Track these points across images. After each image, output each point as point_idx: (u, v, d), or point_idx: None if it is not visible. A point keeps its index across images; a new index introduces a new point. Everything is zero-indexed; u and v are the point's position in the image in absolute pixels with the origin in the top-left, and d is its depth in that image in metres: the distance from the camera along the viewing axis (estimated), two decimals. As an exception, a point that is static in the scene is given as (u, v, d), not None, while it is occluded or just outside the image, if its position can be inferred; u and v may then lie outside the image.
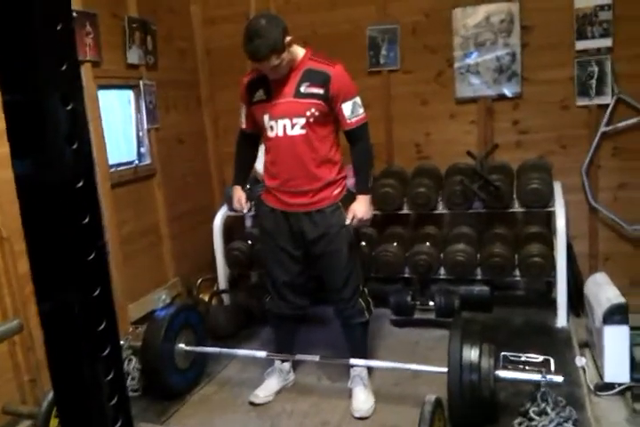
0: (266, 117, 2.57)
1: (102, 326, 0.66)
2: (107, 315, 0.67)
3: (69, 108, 0.58)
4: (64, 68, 0.57)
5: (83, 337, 0.65)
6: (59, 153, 0.58)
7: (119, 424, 0.71)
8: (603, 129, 3.60)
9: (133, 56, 3.49)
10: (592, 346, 2.98)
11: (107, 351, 0.68)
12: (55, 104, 0.57)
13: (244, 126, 2.78)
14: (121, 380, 0.72)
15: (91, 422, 0.69)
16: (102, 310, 0.66)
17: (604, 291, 2.81)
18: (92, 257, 0.62)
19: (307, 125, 2.51)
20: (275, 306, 2.86)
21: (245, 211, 2.85)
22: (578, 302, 3.50)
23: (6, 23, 0.54)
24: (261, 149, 2.82)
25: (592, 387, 2.71)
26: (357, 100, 2.55)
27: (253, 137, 2.79)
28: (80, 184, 0.60)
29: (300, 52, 2.55)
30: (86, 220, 0.61)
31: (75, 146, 0.59)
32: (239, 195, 2.82)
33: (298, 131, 2.52)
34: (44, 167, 0.58)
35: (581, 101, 3.63)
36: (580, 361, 2.73)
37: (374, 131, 3.77)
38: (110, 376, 0.69)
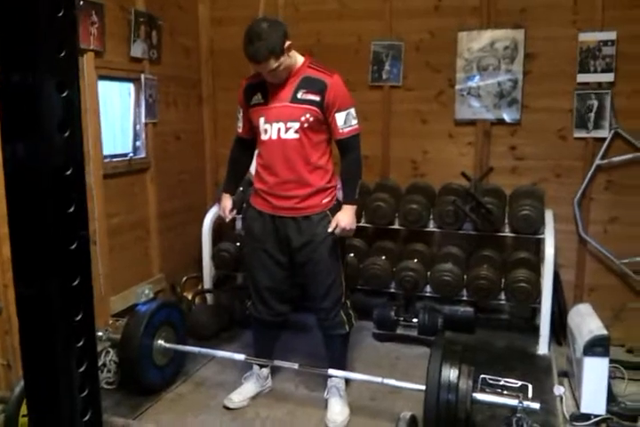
0: (261, 120, 2.58)
1: (79, 317, 0.66)
2: (84, 306, 0.66)
3: (64, 95, 0.58)
4: (63, 54, 0.57)
5: (59, 326, 0.64)
6: (50, 139, 0.58)
7: (88, 417, 0.70)
8: (598, 162, 3.62)
9: (137, 49, 3.49)
10: (571, 376, 2.98)
11: (81, 342, 0.67)
12: (50, 90, 0.57)
13: (240, 131, 2.78)
14: (93, 372, 0.71)
15: (60, 412, 0.68)
16: (80, 301, 0.65)
17: (586, 322, 2.81)
18: (74, 246, 0.62)
19: (300, 130, 2.53)
20: (256, 311, 2.85)
21: (228, 220, 2.88)
22: (560, 331, 3.51)
23: (9, 6, 0.54)
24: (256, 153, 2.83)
25: (568, 416, 2.70)
26: (352, 111, 2.56)
27: (249, 143, 2.79)
28: (69, 172, 0.59)
29: (299, 58, 2.57)
30: (72, 208, 0.61)
31: (66, 134, 0.59)
32: (225, 203, 2.83)
33: (291, 135, 2.54)
34: (33, 152, 0.58)
35: (579, 133, 3.66)
36: (558, 390, 2.73)
37: (372, 144, 3.83)
38: (83, 368, 0.68)
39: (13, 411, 2.11)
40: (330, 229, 2.58)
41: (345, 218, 2.58)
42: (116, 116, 3.60)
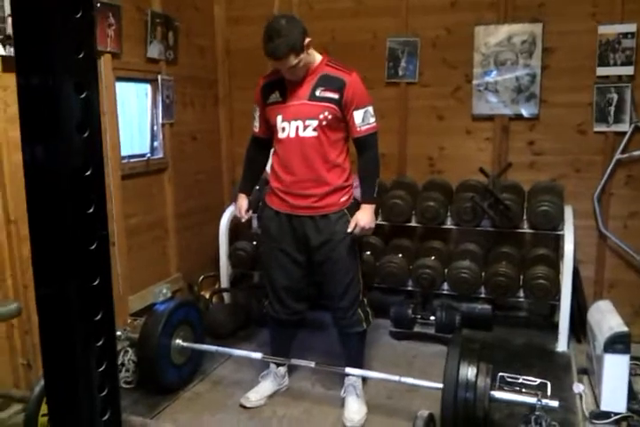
0: (279, 118, 2.58)
1: (99, 317, 0.66)
2: (104, 305, 0.66)
3: (83, 96, 0.58)
4: (81, 55, 0.57)
5: (78, 326, 0.64)
6: (69, 140, 0.58)
7: (107, 416, 0.71)
8: (618, 156, 3.57)
9: (154, 50, 3.52)
10: (591, 373, 2.95)
11: (101, 342, 0.67)
12: (69, 91, 0.57)
13: (256, 130, 2.78)
14: (113, 372, 0.72)
15: (79, 412, 0.68)
16: (100, 301, 0.66)
17: (607, 319, 2.78)
18: (94, 246, 0.62)
19: (319, 128, 2.52)
20: (272, 310, 2.86)
21: (244, 220, 2.87)
22: (580, 328, 3.47)
23: (27, 7, 0.54)
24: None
25: (587, 414, 2.67)
26: (370, 109, 2.55)
27: (265, 142, 2.78)
28: (88, 173, 0.60)
29: (317, 56, 2.56)
30: (91, 209, 0.61)
31: (85, 134, 0.59)
32: (241, 203, 2.82)
33: (310, 133, 2.53)
34: (53, 154, 0.58)
35: (599, 127, 3.61)
36: (578, 388, 2.71)
37: (388, 142, 3.81)
38: (103, 367, 0.68)
39: (33, 410, 2.13)
40: (349, 229, 2.57)
41: (364, 217, 2.57)
42: (134, 117, 3.63)
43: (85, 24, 0.58)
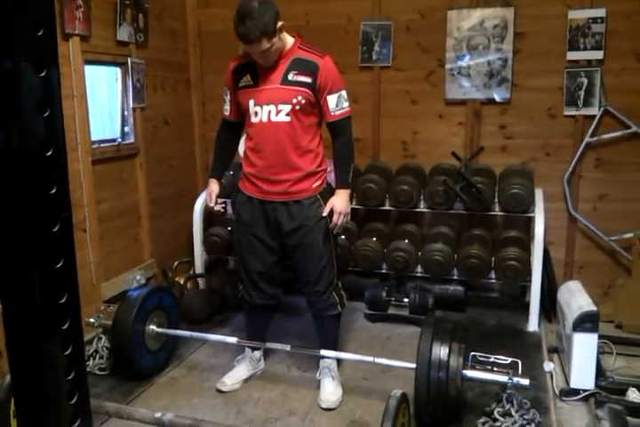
0: (251, 103, 2.54)
1: (64, 300, 0.65)
2: (69, 288, 0.66)
3: (43, 74, 0.57)
4: (40, 33, 0.56)
5: (42, 309, 0.64)
6: (29, 120, 0.57)
7: (75, 400, 0.70)
8: (587, 139, 3.63)
9: (123, 33, 3.45)
10: (561, 352, 3.02)
11: (66, 325, 0.67)
12: (28, 70, 0.56)
13: (227, 114, 2.74)
14: (80, 355, 0.71)
15: (46, 396, 0.68)
16: (64, 283, 0.65)
17: (576, 298, 2.84)
18: (57, 228, 0.61)
19: (292, 112, 2.49)
20: (247, 295, 2.86)
21: (215, 208, 2.76)
22: (550, 308, 3.55)
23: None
24: (243, 136, 2.80)
25: (557, 392, 2.74)
26: (343, 93, 2.54)
27: (236, 126, 2.75)
28: (49, 153, 0.58)
29: (289, 39, 2.53)
30: (53, 190, 0.60)
31: (46, 114, 0.58)
32: (211, 189, 2.76)
33: (282, 117, 2.51)
34: (13, 134, 0.57)
35: (569, 111, 3.66)
36: (548, 366, 2.77)
37: (362, 126, 3.81)
38: (69, 351, 0.68)
39: (5, 398, 2.11)
40: (325, 213, 2.57)
41: (339, 202, 2.57)
42: (104, 101, 3.56)
43: (44, 0, 0.57)
